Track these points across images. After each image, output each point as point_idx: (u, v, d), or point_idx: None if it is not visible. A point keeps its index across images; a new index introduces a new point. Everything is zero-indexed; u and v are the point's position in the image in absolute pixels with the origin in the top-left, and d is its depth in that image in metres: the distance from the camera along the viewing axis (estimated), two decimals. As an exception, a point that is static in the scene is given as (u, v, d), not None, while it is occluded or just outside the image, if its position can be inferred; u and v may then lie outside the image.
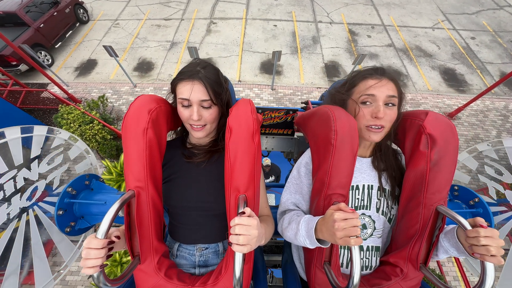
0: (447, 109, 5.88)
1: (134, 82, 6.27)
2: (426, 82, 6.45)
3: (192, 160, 0.94)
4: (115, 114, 5.72)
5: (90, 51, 7.20)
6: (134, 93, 6.16)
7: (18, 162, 1.10)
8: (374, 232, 0.89)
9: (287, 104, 5.95)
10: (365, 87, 0.83)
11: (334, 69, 6.75)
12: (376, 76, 0.83)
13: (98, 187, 1.18)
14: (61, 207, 1.01)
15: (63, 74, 6.59)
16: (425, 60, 6.98)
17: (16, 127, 1.14)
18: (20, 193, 1.06)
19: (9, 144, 1.10)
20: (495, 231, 0.62)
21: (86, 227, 1.10)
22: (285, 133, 2.07)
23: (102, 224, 0.62)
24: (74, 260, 1.09)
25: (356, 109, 0.85)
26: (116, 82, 6.39)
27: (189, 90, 0.82)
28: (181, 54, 7.05)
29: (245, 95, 6.14)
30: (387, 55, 7.11)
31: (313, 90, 6.24)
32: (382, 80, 0.82)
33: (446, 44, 7.44)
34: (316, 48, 7.27)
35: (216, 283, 0.80)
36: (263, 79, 6.53)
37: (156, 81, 6.38)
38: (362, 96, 0.84)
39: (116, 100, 5.99)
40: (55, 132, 1.24)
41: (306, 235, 0.75)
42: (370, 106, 0.83)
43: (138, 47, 7.27)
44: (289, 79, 6.55)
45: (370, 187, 0.89)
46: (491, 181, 1.23)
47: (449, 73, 6.69)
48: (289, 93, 6.18)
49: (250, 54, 7.11)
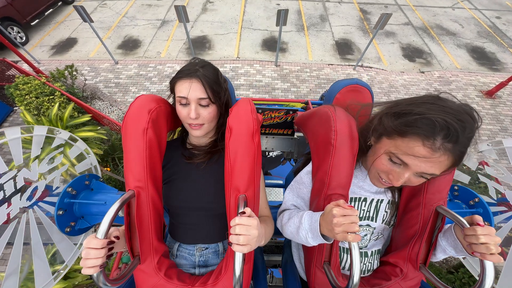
0: (483, 87, 5.54)
1: (116, 59, 5.91)
2: (453, 60, 6.19)
3: (192, 161, 0.94)
4: (90, 92, 5.27)
5: (71, 30, 6.77)
6: (114, 70, 5.82)
7: (18, 162, 1.10)
8: (373, 237, 0.89)
9: (294, 82, 5.65)
10: (407, 148, 0.61)
11: (346, 46, 6.49)
12: (432, 147, 0.57)
13: (98, 187, 1.18)
14: (61, 207, 1.01)
15: (37, 53, 6.06)
16: (449, 39, 6.76)
17: (16, 127, 1.14)
18: (20, 193, 1.06)
19: (9, 144, 1.10)
20: (491, 228, 0.62)
21: (86, 227, 1.10)
22: (285, 133, 2.07)
23: (102, 224, 0.62)
24: (74, 260, 1.09)
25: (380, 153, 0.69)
26: (95, 59, 6.02)
27: (187, 88, 0.82)
28: (173, 31, 6.78)
29: (244, 72, 5.84)
30: (405, 33, 6.87)
31: (324, 67, 5.91)
32: (434, 156, 0.58)
33: (470, 23, 7.22)
34: (325, 26, 7.05)
35: (216, 283, 0.80)
36: (265, 56, 6.20)
37: (142, 58, 6.06)
38: (396, 158, 0.65)
39: (93, 78, 5.64)
40: (55, 132, 1.24)
41: (309, 228, 0.74)
42: (397, 168, 0.67)
43: (125, 25, 6.95)
44: (295, 56, 6.22)
45: (379, 201, 0.87)
46: (491, 181, 1.23)
47: (478, 52, 6.46)
48: (296, 69, 5.85)
49: (251, 31, 6.83)
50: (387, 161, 0.69)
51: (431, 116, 0.58)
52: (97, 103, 5.28)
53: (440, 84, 5.65)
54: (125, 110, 5.14)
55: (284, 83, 5.65)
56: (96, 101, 5.32)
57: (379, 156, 0.70)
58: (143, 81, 5.67)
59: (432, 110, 0.60)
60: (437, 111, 0.59)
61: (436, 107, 0.60)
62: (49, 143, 1.21)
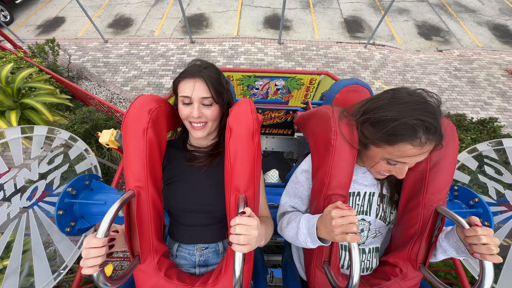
0: (508, 66, 5.25)
1: (106, 38, 5.60)
2: (473, 38, 5.84)
3: (193, 163, 0.94)
4: (76, 71, 4.95)
5: (59, 8, 6.46)
6: (103, 49, 5.54)
7: (18, 162, 1.10)
8: (371, 234, 0.89)
9: (299, 61, 5.33)
10: (399, 152, 0.69)
11: (356, 24, 6.17)
12: (420, 144, 0.66)
13: (98, 187, 1.19)
14: (61, 207, 1.01)
15: (22, 33, 5.77)
16: (468, 16, 6.40)
17: (16, 127, 1.14)
18: (20, 193, 1.06)
19: (9, 144, 1.11)
20: (490, 229, 0.63)
21: (86, 227, 1.10)
22: (285, 133, 2.07)
23: (102, 224, 0.62)
24: (74, 260, 1.09)
25: (376, 160, 0.76)
26: (83, 38, 5.72)
27: (190, 87, 0.83)
28: (167, 9, 6.46)
29: (245, 50, 5.51)
30: (420, 10, 6.49)
31: (332, 45, 5.60)
32: (424, 149, 0.67)
33: (491, 0, 6.83)
34: (332, 3, 6.71)
35: (216, 283, 0.80)
36: (267, 34, 5.85)
37: (134, 37, 5.76)
38: (393, 161, 0.72)
39: (80, 57, 5.34)
40: (55, 132, 1.24)
41: (307, 233, 0.75)
42: (397, 166, 0.74)
43: (117, 4, 6.62)
44: (300, 34, 5.89)
45: (371, 194, 0.88)
46: (491, 181, 1.23)
47: (500, 29, 6.10)
48: (302, 48, 5.53)
49: (252, 8, 6.49)
50: (386, 164, 0.75)
51: (407, 121, 0.66)
52: (83, 83, 4.96)
53: (460, 63, 5.33)
54: (114, 90, 4.88)
55: (289, 62, 5.34)
56: (83, 81, 5.00)
57: (377, 162, 0.76)
58: (135, 60, 5.36)
59: (403, 112, 0.67)
60: (408, 111, 0.67)
61: (404, 107, 0.68)
62: (49, 143, 1.21)
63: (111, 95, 4.90)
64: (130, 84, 5.04)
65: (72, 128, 3.37)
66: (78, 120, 3.40)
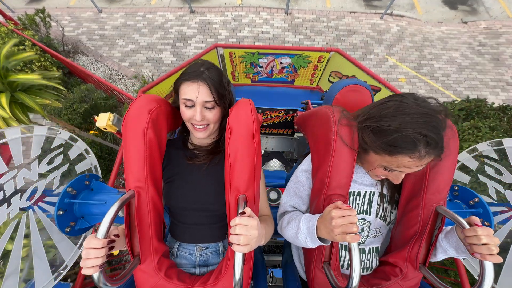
0: None
1: (100, 7, 5.30)
2: (505, 8, 5.15)
3: (193, 161, 0.94)
4: (72, 45, 4.66)
5: None
6: (98, 20, 5.24)
7: (18, 162, 1.10)
8: (371, 234, 0.89)
9: (308, 34, 4.94)
10: (397, 162, 0.69)
11: None
12: (418, 157, 0.65)
13: (98, 187, 1.18)
14: (61, 207, 1.01)
15: (11, 1, 5.41)
16: None
17: (16, 127, 1.14)
18: (20, 193, 1.06)
19: (9, 144, 1.11)
20: (490, 229, 0.63)
21: (86, 227, 1.10)
22: (285, 133, 2.07)
23: (102, 224, 0.62)
24: (74, 260, 1.09)
25: (374, 166, 0.77)
26: (75, 7, 5.37)
27: (193, 90, 0.83)
28: None
29: (249, 21, 5.10)
30: None
31: (344, 16, 5.10)
32: (422, 162, 0.66)
33: None
34: None
35: (216, 283, 0.80)
36: (273, 3, 5.34)
37: (129, 6, 5.40)
38: (391, 169, 0.73)
39: (74, 29, 5.06)
40: (55, 132, 1.24)
41: (307, 232, 0.75)
42: (390, 172, 0.75)
43: None
44: (310, 3, 5.36)
45: (371, 194, 0.88)
46: (491, 181, 1.23)
47: None
48: (311, 19, 5.07)
49: None
50: (383, 170, 0.76)
51: (409, 134, 0.64)
52: (80, 59, 4.72)
53: (486, 37, 4.78)
54: (112, 66, 4.65)
55: (296, 35, 4.94)
56: (80, 56, 4.75)
57: (375, 168, 0.77)
58: (131, 33, 5.04)
59: (406, 124, 0.65)
60: (411, 124, 0.65)
61: (408, 118, 0.66)
62: (49, 143, 1.21)
63: (110, 72, 4.67)
64: (128, 60, 4.78)
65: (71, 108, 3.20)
66: (77, 99, 3.24)
